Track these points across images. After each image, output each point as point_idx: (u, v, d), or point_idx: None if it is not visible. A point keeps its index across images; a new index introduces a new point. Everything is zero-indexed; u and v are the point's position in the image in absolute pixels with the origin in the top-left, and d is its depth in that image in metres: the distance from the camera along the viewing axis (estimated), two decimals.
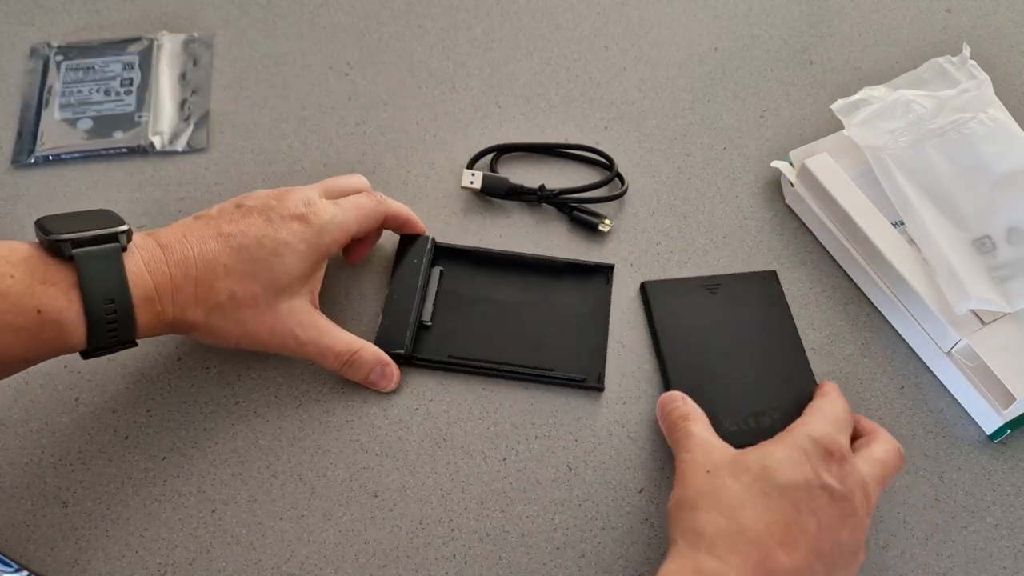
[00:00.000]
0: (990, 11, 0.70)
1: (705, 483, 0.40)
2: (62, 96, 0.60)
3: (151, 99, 0.60)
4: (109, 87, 0.60)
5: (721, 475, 0.40)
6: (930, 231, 0.50)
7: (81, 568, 0.43)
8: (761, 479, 0.39)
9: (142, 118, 0.59)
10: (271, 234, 0.45)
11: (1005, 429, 0.48)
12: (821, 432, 0.41)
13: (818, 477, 0.39)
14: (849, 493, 0.39)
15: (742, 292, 0.53)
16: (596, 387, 0.49)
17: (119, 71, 0.61)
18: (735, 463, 0.40)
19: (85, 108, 0.59)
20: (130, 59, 0.62)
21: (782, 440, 0.41)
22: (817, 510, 0.38)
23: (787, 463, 0.40)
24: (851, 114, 0.55)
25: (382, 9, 0.67)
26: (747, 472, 0.40)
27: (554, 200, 0.56)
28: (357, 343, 0.48)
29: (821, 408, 0.44)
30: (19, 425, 0.47)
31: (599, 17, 0.68)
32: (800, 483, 0.39)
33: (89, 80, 0.61)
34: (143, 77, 0.61)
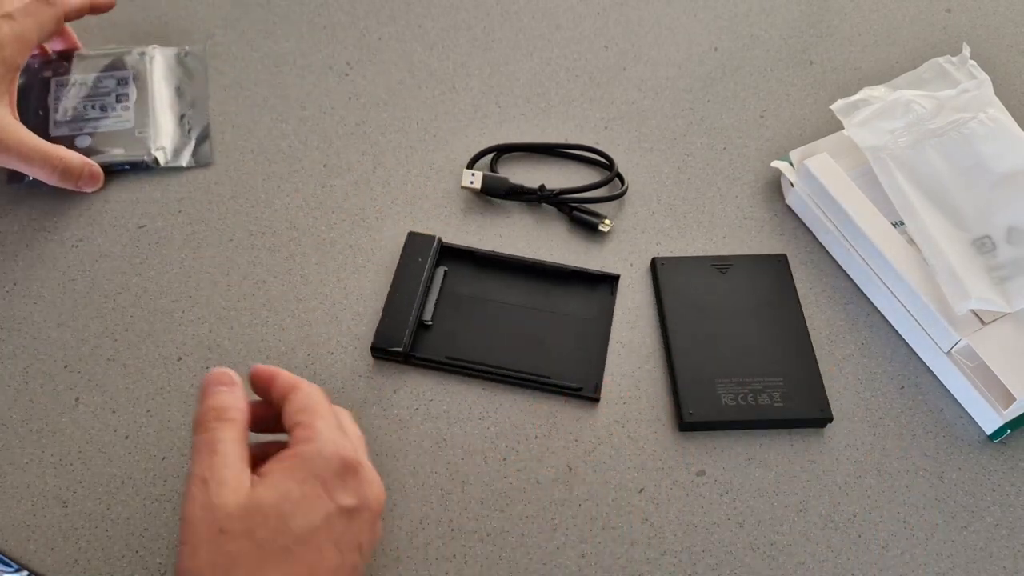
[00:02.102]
0: (990, 11, 0.70)
1: (216, 551, 0.34)
2: (56, 113, 0.58)
3: (150, 114, 0.59)
4: (105, 103, 0.59)
5: (235, 535, 0.35)
6: (930, 231, 0.50)
7: (81, 568, 0.43)
8: (280, 533, 0.35)
9: (142, 133, 0.58)
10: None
11: (1005, 429, 0.48)
12: (331, 448, 0.37)
13: (336, 504, 0.36)
14: (364, 499, 0.37)
15: (751, 273, 0.53)
16: (592, 397, 0.49)
17: (113, 86, 0.59)
18: (250, 512, 0.35)
19: (82, 125, 0.58)
20: (123, 74, 0.60)
21: (295, 471, 0.36)
22: (337, 539, 0.36)
23: (305, 504, 0.36)
24: (851, 114, 0.55)
25: (382, 9, 0.67)
26: (264, 525, 0.35)
27: (554, 200, 0.56)
28: (61, 150, 0.53)
29: (313, 409, 0.39)
30: (19, 425, 0.47)
31: (599, 17, 0.68)
32: (319, 524, 0.36)
33: (83, 97, 0.59)
34: (139, 92, 0.59)
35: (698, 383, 0.49)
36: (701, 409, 0.48)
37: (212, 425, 0.37)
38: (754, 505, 0.46)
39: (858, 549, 0.45)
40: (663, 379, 0.50)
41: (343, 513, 0.36)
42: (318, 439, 0.37)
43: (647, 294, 0.54)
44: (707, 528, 0.45)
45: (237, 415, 0.38)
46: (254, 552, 0.35)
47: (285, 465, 0.37)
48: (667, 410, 0.49)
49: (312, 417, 0.38)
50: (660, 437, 0.48)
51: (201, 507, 0.35)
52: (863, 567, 0.44)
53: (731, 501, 0.46)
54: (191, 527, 0.35)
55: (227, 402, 0.38)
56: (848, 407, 0.49)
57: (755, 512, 0.46)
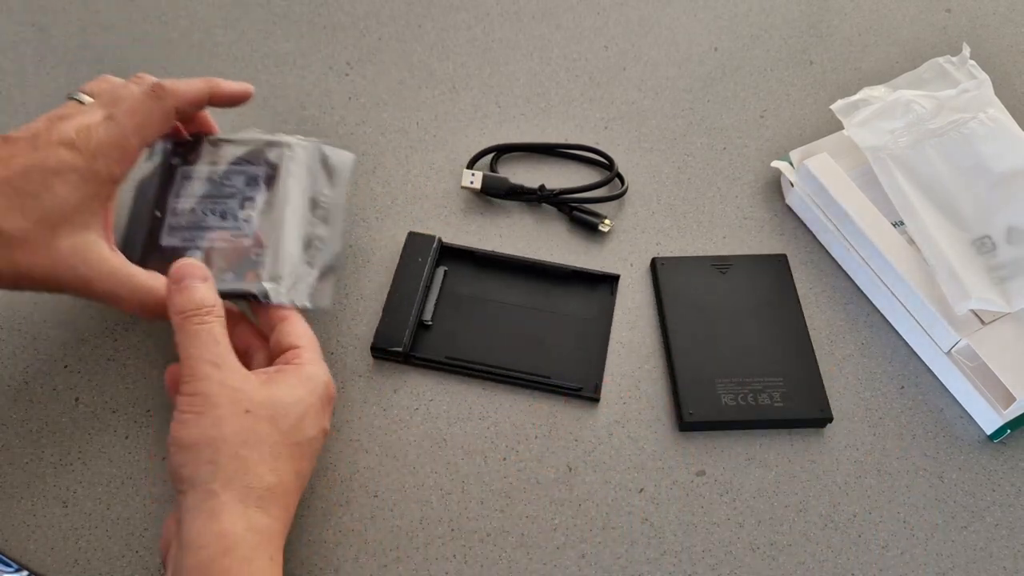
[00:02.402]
0: (990, 11, 0.70)
1: (245, 426, 0.38)
2: (173, 216, 0.48)
3: (273, 232, 0.47)
4: (227, 208, 0.48)
5: (260, 418, 0.38)
6: (930, 231, 0.50)
7: (82, 568, 0.43)
8: (295, 430, 0.39)
9: (259, 257, 0.47)
10: (38, 164, 0.40)
11: (1005, 429, 0.48)
12: (328, 377, 0.43)
13: (324, 425, 0.42)
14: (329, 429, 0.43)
15: (751, 273, 0.53)
16: (592, 397, 0.49)
17: (240, 186, 0.49)
18: (273, 404, 0.39)
19: (197, 236, 0.47)
20: (254, 171, 0.49)
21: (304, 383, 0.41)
22: (317, 453, 0.42)
23: (313, 415, 0.40)
24: (851, 114, 0.55)
25: (382, 9, 0.67)
26: (285, 419, 0.39)
27: (554, 200, 0.56)
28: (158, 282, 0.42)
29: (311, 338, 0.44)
30: (19, 425, 0.47)
31: (599, 17, 0.68)
32: (316, 435, 0.41)
33: (205, 196, 0.48)
34: (268, 199, 0.48)
35: (698, 383, 0.49)
36: (701, 409, 0.48)
37: (207, 318, 0.39)
38: (754, 505, 0.46)
39: (858, 549, 0.45)
40: (663, 379, 0.50)
41: (323, 433, 0.42)
42: (319, 365, 0.42)
43: (647, 294, 0.54)
44: (707, 528, 0.45)
45: (223, 312, 0.41)
46: (277, 438, 0.38)
47: (295, 378, 0.41)
48: (667, 410, 0.49)
49: (312, 342, 0.44)
50: (660, 437, 0.48)
51: (220, 384, 0.38)
52: (863, 567, 0.44)
53: (731, 501, 0.46)
54: (208, 400, 0.38)
55: (212, 299, 0.40)
56: (848, 407, 0.49)
57: (755, 512, 0.46)
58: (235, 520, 0.36)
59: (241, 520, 0.36)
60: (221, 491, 0.36)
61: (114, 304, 0.43)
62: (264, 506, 0.37)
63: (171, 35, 0.65)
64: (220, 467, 0.36)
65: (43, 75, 0.62)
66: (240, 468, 0.37)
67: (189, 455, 0.37)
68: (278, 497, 0.38)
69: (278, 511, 0.38)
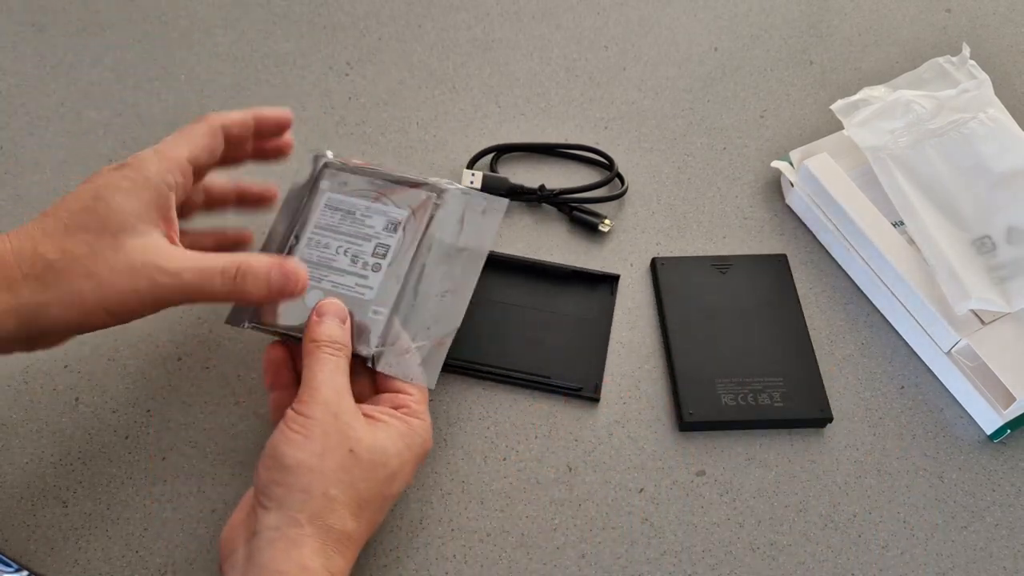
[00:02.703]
0: (990, 11, 0.70)
1: (344, 465, 0.37)
2: (307, 248, 0.46)
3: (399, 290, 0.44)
4: (359, 253, 0.45)
5: (361, 462, 0.38)
6: (930, 231, 0.50)
7: (82, 568, 0.43)
8: (388, 483, 0.39)
9: (377, 314, 0.44)
10: (89, 186, 0.39)
11: (1005, 429, 0.48)
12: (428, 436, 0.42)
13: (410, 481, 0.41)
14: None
15: (751, 273, 0.53)
16: (592, 397, 0.49)
17: (379, 229, 0.45)
18: (375, 452, 0.39)
19: (322, 275, 0.45)
20: (396, 216, 0.45)
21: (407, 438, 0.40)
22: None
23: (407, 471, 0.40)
24: (851, 114, 0.55)
25: (382, 9, 0.67)
26: (383, 468, 0.39)
27: (554, 200, 0.56)
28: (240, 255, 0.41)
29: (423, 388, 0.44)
30: (19, 425, 0.47)
31: (599, 17, 0.68)
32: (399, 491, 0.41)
33: (342, 232, 0.45)
34: (401, 252, 0.45)
35: (698, 383, 0.49)
36: (701, 409, 0.48)
37: (338, 352, 0.41)
38: (754, 505, 0.46)
39: (858, 549, 0.45)
40: (663, 379, 0.50)
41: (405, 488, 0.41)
42: (425, 419, 0.42)
43: (647, 294, 0.54)
44: (707, 528, 0.45)
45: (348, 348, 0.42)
46: (369, 486, 0.38)
47: (402, 428, 0.40)
48: (667, 410, 0.49)
49: (420, 390, 0.43)
50: (660, 437, 0.48)
51: (334, 416, 0.38)
52: (863, 567, 0.44)
53: (731, 501, 0.46)
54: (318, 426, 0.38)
55: (343, 339, 0.42)
56: (848, 407, 0.49)
57: (755, 512, 0.46)
58: (315, 556, 0.35)
59: (319, 557, 0.36)
60: (306, 523, 0.36)
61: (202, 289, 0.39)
62: (340, 550, 0.37)
63: (171, 35, 0.65)
64: (311, 499, 0.36)
65: (43, 75, 0.62)
66: (328, 507, 0.36)
67: (285, 475, 0.37)
68: (352, 544, 0.37)
69: (348, 558, 0.37)
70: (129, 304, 0.38)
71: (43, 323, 0.37)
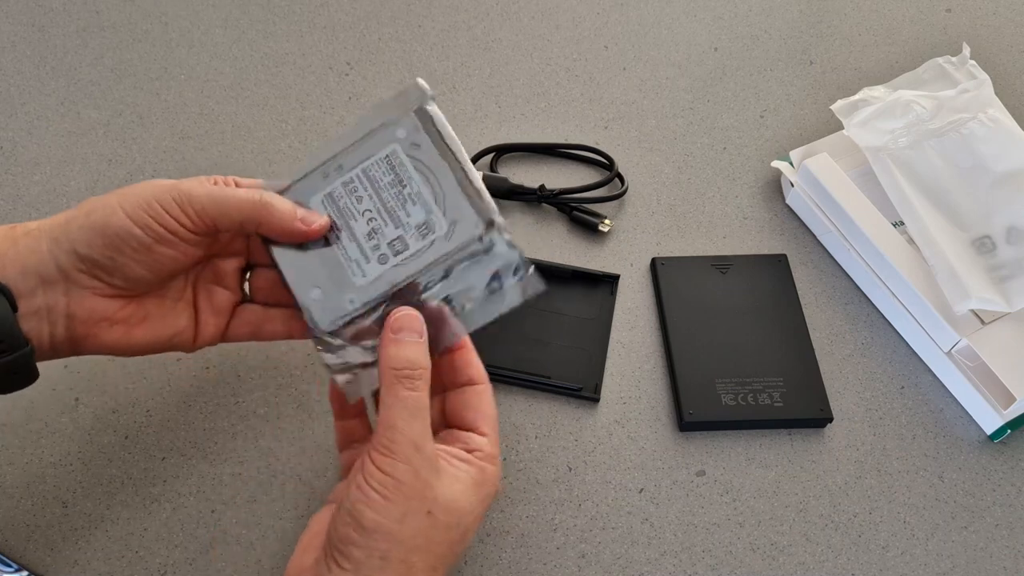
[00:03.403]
0: (990, 11, 0.70)
1: (422, 529, 0.35)
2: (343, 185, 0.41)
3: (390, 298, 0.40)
4: (380, 231, 0.40)
5: (438, 524, 0.36)
6: (930, 231, 0.50)
7: (81, 568, 0.43)
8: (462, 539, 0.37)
9: (362, 319, 0.40)
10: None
11: (1005, 429, 0.48)
12: (499, 479, 0.39)
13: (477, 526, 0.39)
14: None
15: (751, 273, 0.53)
16: (592, 397, 0.49)
17: (413, 224, 0.40)
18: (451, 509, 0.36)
19: (338, 229, 0.41)
20: (440, 226, 0.40)
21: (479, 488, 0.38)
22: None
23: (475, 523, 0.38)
24: (851, 114, 0.55)
25: (382, 9, 0.67)
26: (457, 528, 0.37)
27: (554, 200, 0.56)
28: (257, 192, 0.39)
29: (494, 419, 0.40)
30: (19, 425, 0.47)
31: (599, 17, 0.68)
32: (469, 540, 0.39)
33: (382, 198, 0.40)
34: (416, 259, 0.40)
35: (698, 383, 0.49)
36: (701, 409, 0.48)
37: (418, 383, 0.37)
38: (754, 505, 0.46)
39: (858, 549, 0.45)
40: (663, 379, 0.50)
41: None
42: (496, 464, 0.39)
43: (647, 294, 0.54)
44: (707, 528, 0.45)
45: (428, 373, 0.38)
46: (444, 548, 0.36)
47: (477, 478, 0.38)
48: (667, 410, 0.49)
49: (494, 429, 0.40)
50: (660, 437, 0.48)
51: (415, 475, 0.35)
52: (863, 567, 0.44)
53: (731, 501, 0.46)
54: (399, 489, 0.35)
55: (423, 361, 0.37)
56: (848, 407, 0.49)
57: (755, 512, 0.46)
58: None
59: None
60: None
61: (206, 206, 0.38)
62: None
63: (171, 35, 0.65)
64: (389, 565, 0.35)
65: (43, 75, 0.62)
66: (405, 573, 0.35)
67: (365, 538, 0.35)
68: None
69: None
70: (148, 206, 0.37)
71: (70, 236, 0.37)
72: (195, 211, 0.38)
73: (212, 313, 0.42)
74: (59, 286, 0.37)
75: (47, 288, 0.37)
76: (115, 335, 0.39)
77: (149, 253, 0.38)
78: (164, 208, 0.37)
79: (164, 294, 0.41)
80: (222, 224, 0.39)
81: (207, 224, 0.38)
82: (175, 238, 0.38)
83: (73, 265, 0.37)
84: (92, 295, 0.38)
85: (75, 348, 0.39)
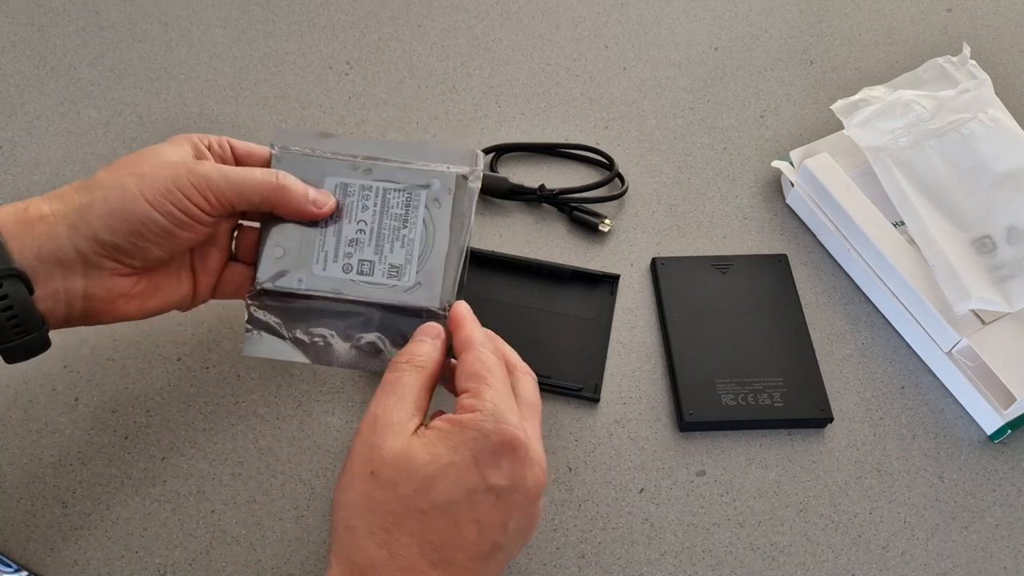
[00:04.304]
0: (990, 11, 0.70)
1: (364, 491, 0.34)
2: (359, 191, 0.43)
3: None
4: (359, 242, 0.43)
5: (382, 482, 0.34)
6: (930, 231, 0.50)
7: (81, 568, 0.43)
8: (419, 495, 0.34)
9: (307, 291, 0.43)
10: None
11: (1005, 429, 0.48)
12: (492, 424, 0.35)
13: (484, 482, 0.34)
14: (520, 481, 0.35)
15: (751, 273, 0.53)
16: (592, 397, 0.49)
17: (390, 259, 0.43)
18: (398, 464, 0.34)
19: (339, 219, 0.43)
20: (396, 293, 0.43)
21: (450, 437, 0.35)
22: (479, 516, 0.35)
23: (451, 473, 0.34)
24: (851, 114, 0.55)
25: (382, 9, 0.67)
26: (407, 482, 0.34)
27: (554, 200, 0.56)
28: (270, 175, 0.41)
29: (482, 377, 0.37)
30: (19, 425, 0.47)
31: (599, 17, 0.68)
32: (461, 498, 0.34)
33: (381, 222, 0.43)
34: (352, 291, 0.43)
35: (698, 383, 0.49)
36: (701, 409, 0.48)
37: (401, 367, 0.38)
38: (754, 505, 0.46)
39: (858, 549, 0.45)
40: (663, 379, 0.50)
41: (491, 491, 0.35)
42: (482, 410, 0.36)
43: (647, 294, 0.54)
44: (707, 528, 0.45)
45: (427, 364, 0.38)
46: (393, 505, 0.34)
47: (444, 429, 0.35)
48: (667, 410, 0.49)
49: (479, 385, 0.37)
50: (660, 437, 0.48)
51: (362, 443, 0.35)
52: (863, 567, 0.44)
53: (731, 501, 0.46)
54: (351, 460, 0.35)
55: (423, 350, 0.38)
56: (848, 407, 0.49)
57: (755, 512, 0.46)
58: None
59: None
60: (335, 563, 0.34)
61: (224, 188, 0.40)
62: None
63: (171, 35, 0.65)
64: (337, 535, 0.34)
65: (43, 75, 0.62)
66: (350, 539, 0.34)
67: (332, 517, 0.35)
68: (390, 574, 0.33)
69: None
70: (169, 193, 0.38)
71: (90, 223, 0.38)
72: (214, 195, 0.39)
73: (206, 274, 0.44)
74: (78, 269, 0.38)
75: (65, 272, 0.38)
76: (131, 308, 0.41)
77: (170, 236, 0.39)
78: (184, 194, 0.39)
79: (171, 264, 0.43)
80: (240, 206, 0.41)
81: (225, 207, 0.40)
82: (195, 222, 0.40)
83: (93, 250, 0.38)
84: (111, 275, 0.39)
85: (90, 322, 0.40)
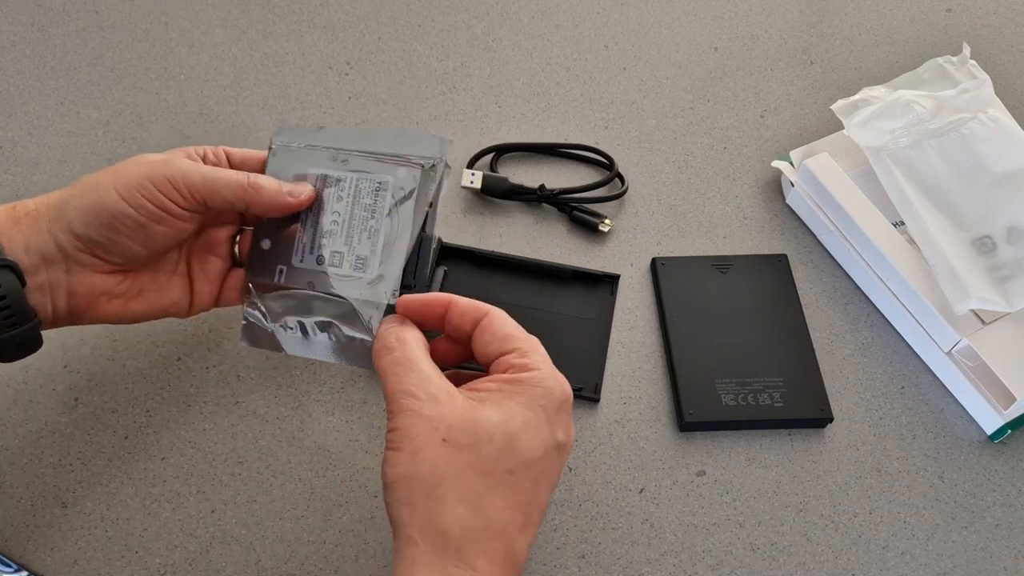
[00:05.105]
0: (990, 11, 0.70)
1: (443, 459, 0.33)
2: (336, 184, 0.43)
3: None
4: (332, 232, 0.43)
5: (461, 447, 0.33)
6: (930, 231, 0.50)
7: (81, 568, 0.43)
8: (506, 453, 0.33)
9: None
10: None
11: (1005, 429, 0.48)
12: (554, 380, 0.36)
13: (554, 438, 0.35)
14: (571, 437, 0.36)
15: (751, 273, 0.53)
16: (592, 398, 0.49)
17: (357, 250, 0.43)
18: (473, 427, 0.33)
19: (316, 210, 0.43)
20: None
21: (519, 396, 0.35)
22: (550, 475, 0.35)
23: (531, 431, 0.34)
24: (851, 114, 0.55)
25: (382, 9, 0.67)
26: (490, 443, 0.33)
27: (554, 200, 0.56)
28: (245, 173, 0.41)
29: (522, 337, 0.37)
30: (19, 425, 0.47)
31: (599, 17, 0.68)
32: (541, 455, 0.34)
33: (353, 215, 0.43)
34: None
35: (698, 383, 0.49)
36: (701, 409, 0.48)
37: (394, 345, 0.36)
38: (754, 505, 0.46)
39: (858, 549, 0.45)
40: (663, 379, 0.50)
41: (556, 448, 0.35)
42: (540, 368, 0.36)
43: (647, 294, 0.54)
44: (707, 528, 0.45)
45: (414, 335, 0.37)
46: (484, 466, 0.33)
47: (509, 390, 0.35)
48: (667, 410, 0.49)
49: (526, 344, 0.37)
50: (660, 437, 0.48)
51: (416, 415, 0.34)
52: (863, 567, 0.44)
53: (731, 501, 0.46)
54: (405, 435, 0.33)
55: (394, 329, 0.37)
56: (848, 407, 0.49)
57: (755, 512, 0.46)
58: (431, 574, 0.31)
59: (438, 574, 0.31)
60: (420, 539, 0.32)
61: (198, 185, 0.40)
62: (467, 558, 0.32)
63: (171, 35, 0.65)
64: (416, 508, 0.32)
65: (43, 75, 0.62)
66: (436, 510, 0.32)
67: (391, 495, 0.33)
68: (485, 543, 0.32)
69: (483, 560, 0.32)
70: (141, 187, 0.39)
71: (67, 217, 0.39)
72: (187, 189, 0.40)
73: (206, 282, 0.44)
74: (60, 264, 0.39)
75: (49, 266, 0.39)
76: (113, 308, 0.41)
77: (144, 231, 0.40)
78: (157, 187, 0.39)
79: (158, 268, 0.43)
80: (212, 203, 0.41)
81: (198, 202, 0.40)
82: (167, 215, 0.40)
83: (72, 244, 0.39)
84: (91, 272, 0.40)
85: (76, 320, 0.41)
